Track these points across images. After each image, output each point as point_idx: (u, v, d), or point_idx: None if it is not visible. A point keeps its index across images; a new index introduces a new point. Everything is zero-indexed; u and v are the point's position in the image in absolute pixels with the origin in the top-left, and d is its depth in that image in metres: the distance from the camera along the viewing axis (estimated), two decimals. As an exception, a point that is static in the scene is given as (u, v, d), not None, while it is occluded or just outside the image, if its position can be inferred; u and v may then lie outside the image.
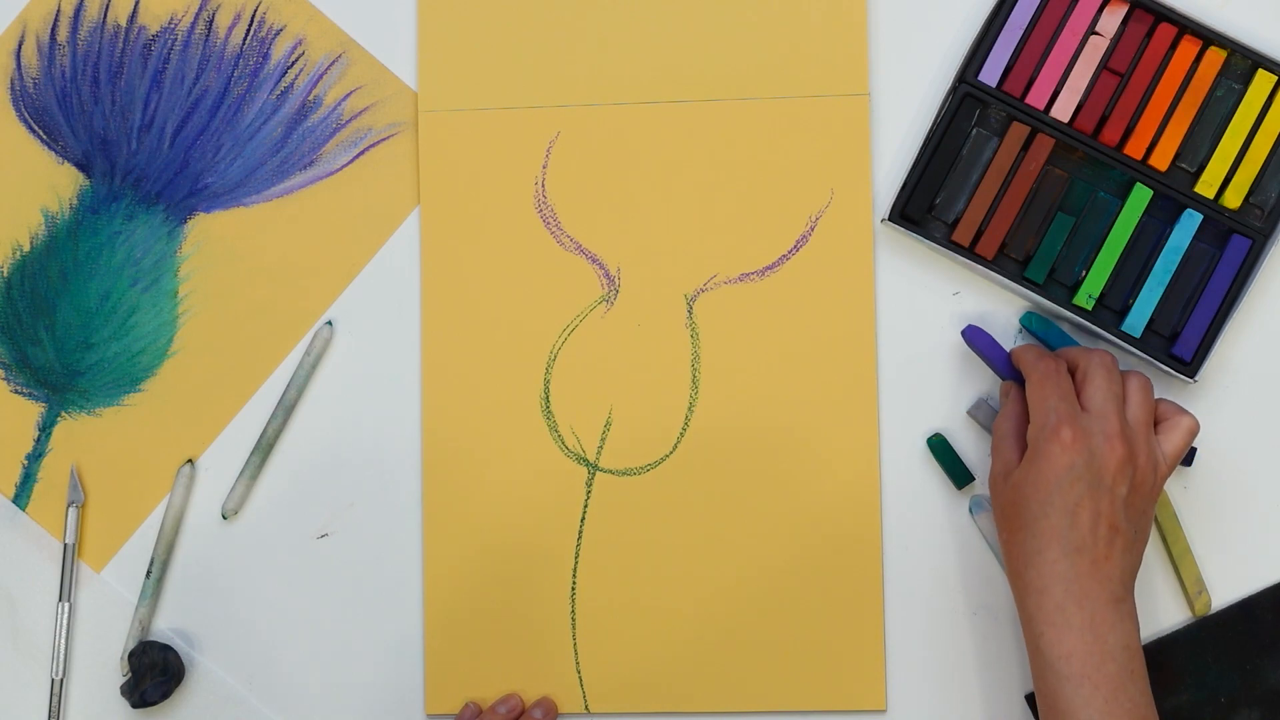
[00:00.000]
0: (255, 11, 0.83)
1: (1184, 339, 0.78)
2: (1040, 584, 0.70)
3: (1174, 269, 0.78)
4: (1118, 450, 0.71)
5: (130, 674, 0.80)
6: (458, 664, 0.80)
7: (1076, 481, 0.70)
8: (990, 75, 0.79)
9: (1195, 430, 0.74)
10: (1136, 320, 0.78)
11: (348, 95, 0.83)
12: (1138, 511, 0.72)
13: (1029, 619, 0.71)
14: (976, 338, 0.79)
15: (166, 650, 0.80)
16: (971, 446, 0.80)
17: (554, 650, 0.80)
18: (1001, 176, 0.79)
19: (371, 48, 0.83)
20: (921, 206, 0.80)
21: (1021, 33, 0.79)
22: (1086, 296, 0.78)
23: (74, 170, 0.83)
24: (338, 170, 0.83)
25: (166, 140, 0.83)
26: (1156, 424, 0.74)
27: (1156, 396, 0.75)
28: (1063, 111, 0.79)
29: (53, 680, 0.81)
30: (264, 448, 0.82)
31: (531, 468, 0.81)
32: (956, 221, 0.80)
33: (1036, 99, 0.79)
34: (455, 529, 0.81)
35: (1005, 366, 0.78)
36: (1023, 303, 0.80)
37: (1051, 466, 0.71)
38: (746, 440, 0.80)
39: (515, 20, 0.82)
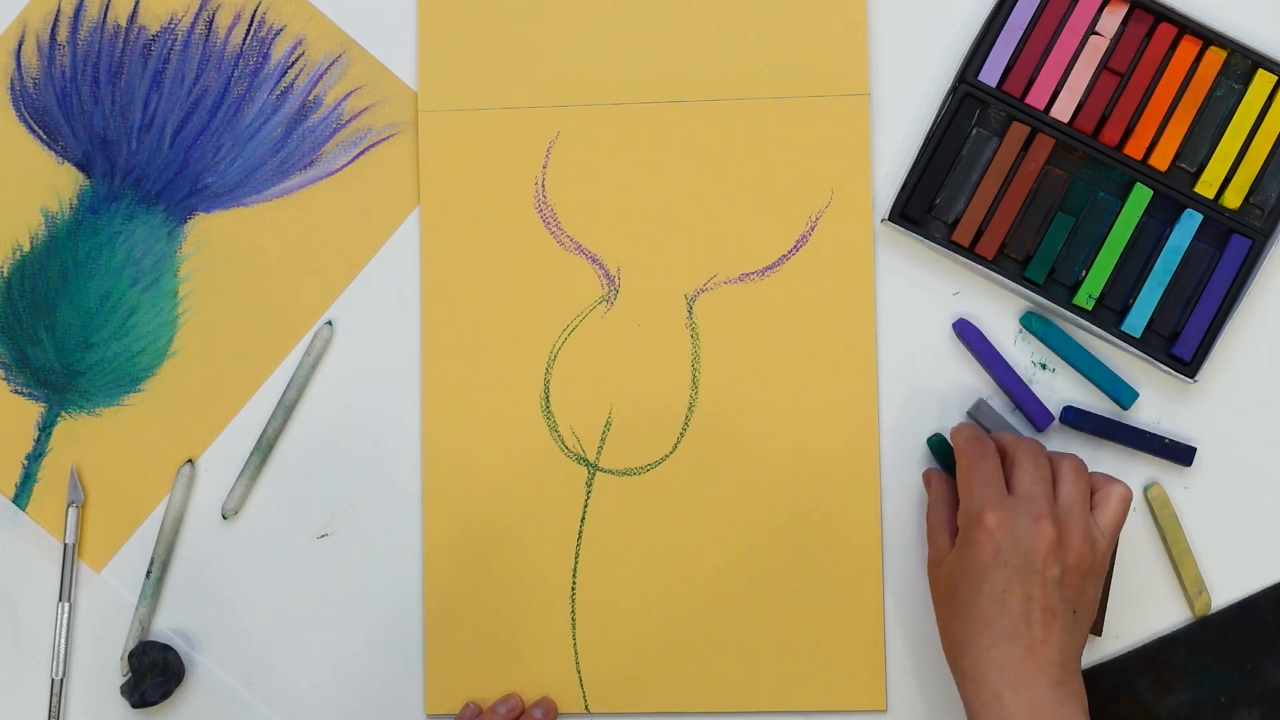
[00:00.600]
0: (255, 11, 0.83)
1: (1184, 339, 0.78)
2: (975, 673, 0.70)
3: (1174, 269, 0.78)
4: (1046, 533, 0.70)
5: (130, 674, 0.80)
6: (458, 664, 0.80)
7: (1004, 567, 0.70)
8: (990, 75, 0.79)
9: (1128, 497, 0.73)
10: (1136, 320, 0.78)
11: (348, 95, 0.83)
12: (1075, 592, 0.71)
13: (968, 706, 0.70)
14: (965, 332, 0.79)
15: (166, 650, 0.80)
16: (971, 446, 0.80)
17: (554, 650, 0.80)
18: (1001, 176, 0.79)
19: (371, 48, 0.83)
20: (921, 206, 0.80)
21: (1021, 33, 0.79)
22: (1086, 296, 0.78)
23: (74, 170, 0.83)
24: (338, 170, 0.83)
25: (166, 140, 0.83)
26: (1091, 500, 0.73)
27: (1092, 471, 0.75)
28: (1063, 111, 0.79)
29: (53, 680, 0.81)
30: (264, 448, 0.82)
31: (531, 468, 0.81)
32: (956, 221, 0.80)
33: (1036, 99, 0.79)
34: (455, 529, 0.81)
35: (993, 362, 0.79)
36: (1023, 303, 0.80)
37: (978, 553, 0.70)
38: (746, 440, 0.80)
39: (515, 20, 0.82)
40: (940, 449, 0.79)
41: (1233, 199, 0.78)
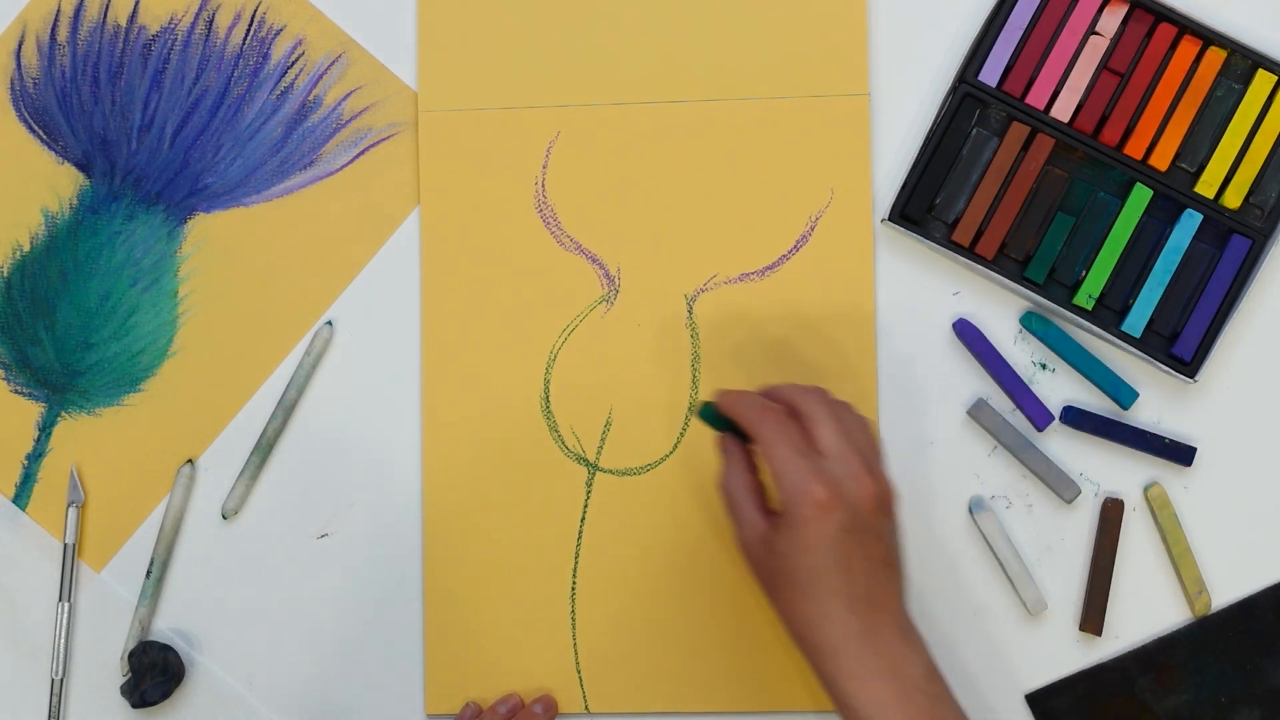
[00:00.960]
0: (255, 11, 0.83)
1: (1184, 339, 0.78)
2: (833, 645, 0.68)
3: (1174, 269, 0.78)
4: (869, 488, 0.69)
5: (130, 674, 0.80)
6: (458, 664, 0.80)
7: (846, 537, 0.68)
8: (990, 75, 0.79)
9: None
10: (1136, 320, 0.78)
11: (348, 95, 0.83)
12: (895, 536, 0.71)
13: (830, 680, 0.69)
14: (965, 332, 0.79)
15: (166, 650, 0.80)
16: (971, 446, 0.80)
17: (554, 650, 0.80)
18: (1001, 176, 0.79)
19: (371, 48, 0.83)
20: (921, 206, 0.80)
21: (1021, 33, 0.79)
22: (1086, 296, 0.78)
23: (74, 170, 0.83)
24: (338, 170, 0.83)
25: (166, 140, 0.83)
26: None
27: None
28: (1063, 111, 0.79)
29: (53, 680, 0.81)
30: (264, 448, 0.82)
31: (531, 468, 0.81)
32: (956, 221, 0.80)
33: (1036, 99, 0.79)
34: (455, 528, 0.81)
35: (993, 362, 0.79)
36: (1023, 303, 0.80)
37: (819, 530, 0.68)
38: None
39: (515, 20, 0.82)
40: (714, 419, 0.74)
41: (1233, 199, 0.78)
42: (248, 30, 0.83)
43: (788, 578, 0.69)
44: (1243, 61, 0.79)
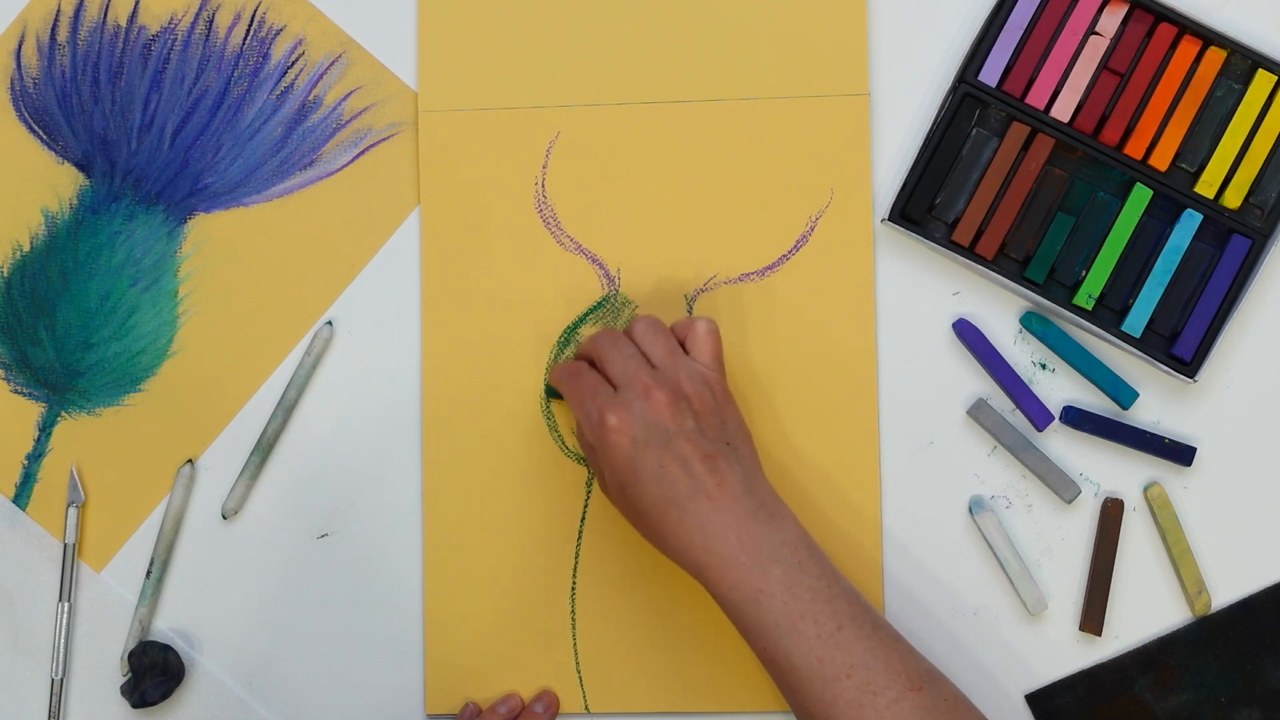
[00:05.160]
0: (255, 11, 0.83)
1: (1184, 339, 0.78)
2: (683, 544, 0.70)
3: (1174, 269, 0.78)
4: (658, 398, 0.71)
5: (130, 674, 0.80)
6: (458, 664, 0.80)
7: (647, 448, 0.71)
8: (990, 75, 0.79)
9: (713, 328, 0.75)
10: (1136, 320, 0.78)
11: (348, 95, 0.83)
12: (716, 428, 0.72)
13: (699, 576, 0.71)
14: (965, 332, 0.79)
15: (166, 650, 0.80)
16: (971, 446, 0.80)
17: (554, 650, 0.80)
18: (1001, 176, 0.79)
19: (371, 48, 0.83)
20: (921, 206, 0.80)
21: (1021, 33, 0.79)
22: (1086, 296, 0.78)
23: (74, 170, 0.83)
24: (338, 170, 0.83)
25: (166, 140, 0.83)
26: (683, 346, 0.75)
27: (674, 322, 0.76)
28: (1063, 111, 0.79)
29: (53, 680, 0.81)
30: (264, 448, 0.82)
31: (531, 468, 0.81)
32: (956, 221, 0.80)
33: (1036, 99, 0.79)
34: (455, 529, 0.81)
35: (993, 362, 0.79)
36: (1023, 303, 0.80)
37: (620, 452, 0.71)
38: (746, 440, 0.80)
39: (515, 20, 0.82)
40: (551, 392, 0.80)
41: (1233, 199, 0.78)
42: (248, 30, 0.83)
43: (630, 507, 0.73)
44: (1243, 61, 0.79)
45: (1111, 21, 0.79)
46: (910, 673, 0.69)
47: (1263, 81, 0.78)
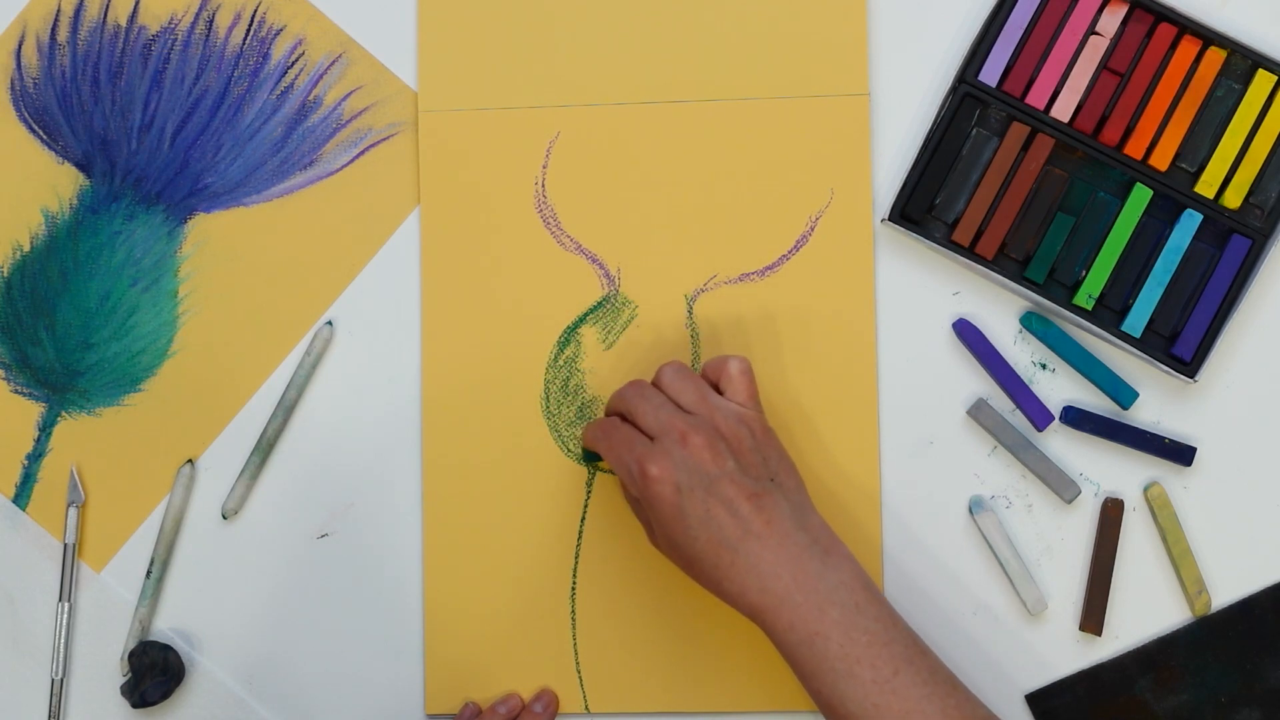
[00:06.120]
0: (255, 11, 0.83)
1: (1184, 339, 0.78)
2: (738, 587, 0.70)
3: (1174, 269, 0.78)
4: (696, 443, 0.71)
5: (130, 674, 0.80)
6: (458, 664, 0.80)
7: (690, 495, 0.70)
8: (990, 75, 0.79)
9: (746, 366, 0.74)
10: (1136, 320, 0.78)
11: (348, 95, 0.83)
12: (759, 465, 0.72)
13: (756, 619, 0.70)
14: (965, 332, 0.79)
15: (166, 650, 0.80)
16: (971, 446, 0.80)
17: (554, 650, 0.80)
18: (1001, 176, 0.79)
19: (371, 48, 0.83)
20: (921, 206, 0.80)
21: (1021, 33, 0.79)
22: (1086, 296, 0.78)
23: (74, 170, 0.83)
24: (338, 170, 0.83)
25: (166, 140, 0.83)
26: (717, 388, 0.74)
27: (706, 362, 0.76)
28: (1063, 111, 0.79)
29: (53, 680, 0.81)
30: (264, 448, 0.82)
31: (531, 468, 0.81)
32: (956, 221, 0.80)
33: (1036, 99, 0.79)
34: (455, 529, 0.81)
35: (993, 362, 0.79)
36: (1023, 303, 0.80)
37: (666, 503, 0.70)
38: (746, 440, 0.80)
39: (515, 20, 0.82)
40: (591, 456, 0.80)
41: (1233, 199, 0.78)
42: (248, 30, 0.83)
43: (680, 555, 0.72)
44: (1243, 61, 0.79)
45: (1111, 21, 0.79)
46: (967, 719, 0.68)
47: (1263, 81, 0.78)
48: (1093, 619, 0.79)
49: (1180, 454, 0.79)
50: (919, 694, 0.68)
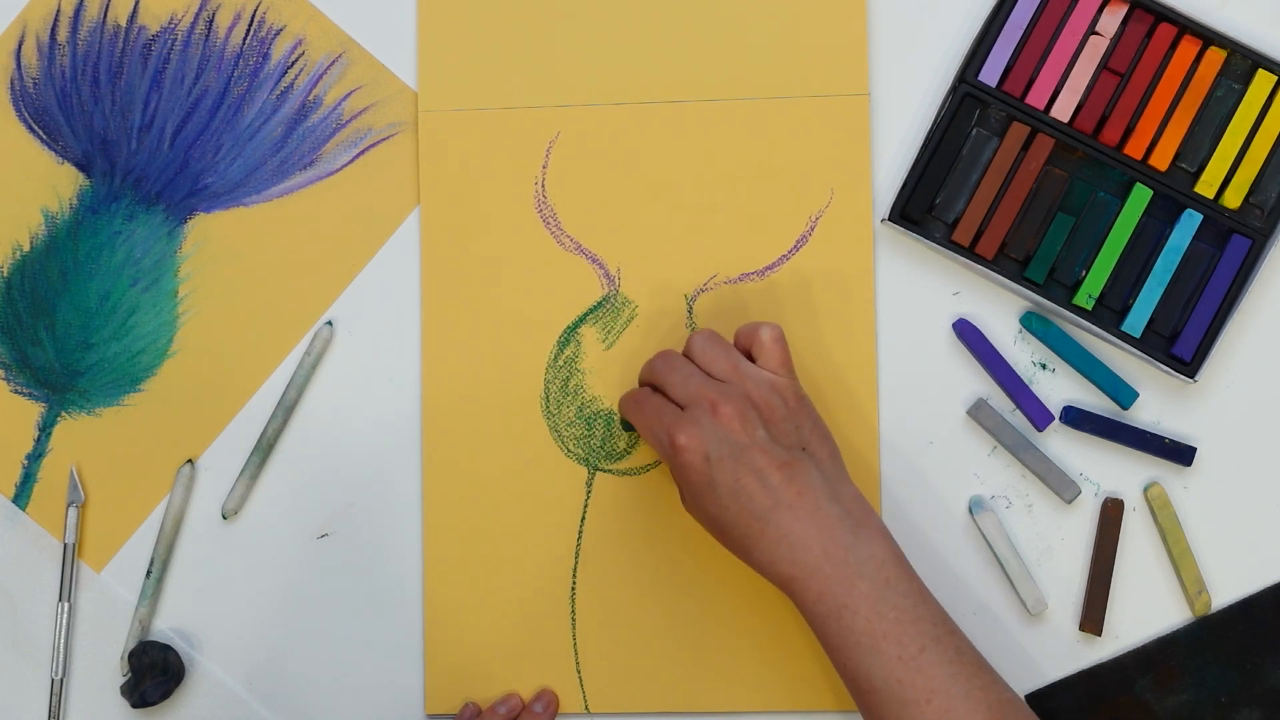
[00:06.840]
0: (255, 11, 0.83)
1: (1184, 339, 0.78)
2: (768, 557, 0.70)
3: (1174, 269, 0.78)
4: (726, 412, 0.70)
5: (130, 674, 0.80)
6: (458, 664, 0.80)
7: (720, 464, 0.70)
8: (990, 75, 0.79)
9: (778, 334, 0.73)
10: (1136, 320, 0.78)
11: (348, 95, 0.83)
12: (790, 434, 0.71)
13: (786, 589, 0.70)
14: (965, 332, 0.79)
15: (166, 650, 0.80)
16: (971, 446, 0.80)
17: (554, 650, 0.80)
18: (1001, 176, 0.79)
19: (371, 48, 0.83)
20: (921, 206, 0.80)
21: (1021, 33, 0.79)
22: (1086, 296, 0.78)
23: (74, 170, 0.83)
24: (338, 170, 0.83)
25: (166, 140, 0.83)
26: (750, 356, 0.74)
27: (738, 329, 0.75)
28: (1063, 111, 0.79)
29: (53, 680, 0.81)
30: (264, 448, 0.82)
31: (531, 468, 0.81)
32: (956, 221, 0.80)
33: (1036, 99, 0.79)
34: (455, 529, 0.81)
35: (993, 362, 0.79)
36: (1023, 303, 0.80)
37: (695, 472, 0.70)
38: (746, 440, 0.80)
39: (515, 20, 0.82)
40: (627, 425, 0.78)
41: (1233, 199, 0.78)
42: (248, 30, 0.83)
43: (711, 522, 0.72)
44: (1243, 61, 0.79)
45: (1111, 21, 0.79)
46: (991, 702, 0.68)
47: (1263, 81, 0.78)
48: (1093, 619, 0.79)
49: (1180, 454, 0.79)
50: (944, 673, 0.68)
